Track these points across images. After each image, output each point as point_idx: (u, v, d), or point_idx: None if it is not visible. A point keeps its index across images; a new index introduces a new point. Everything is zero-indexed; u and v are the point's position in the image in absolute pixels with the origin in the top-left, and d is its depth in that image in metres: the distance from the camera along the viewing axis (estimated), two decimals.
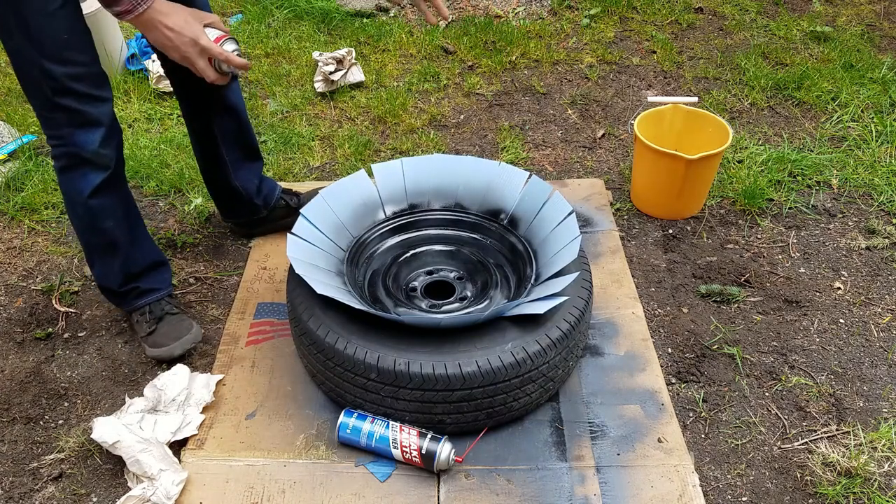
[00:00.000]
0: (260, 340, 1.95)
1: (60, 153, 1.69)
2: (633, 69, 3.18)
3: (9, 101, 2.98)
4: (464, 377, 1.55)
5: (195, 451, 1.68)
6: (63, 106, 1.61)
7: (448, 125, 2.86)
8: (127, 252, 1.86)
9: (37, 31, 1.52)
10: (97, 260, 1.88)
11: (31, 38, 1.53)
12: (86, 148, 1.67)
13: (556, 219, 1.84)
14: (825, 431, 1.74)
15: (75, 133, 1.65)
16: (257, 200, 2.18)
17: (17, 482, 1.67)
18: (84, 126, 1.65)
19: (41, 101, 1.63)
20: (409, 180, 2.02)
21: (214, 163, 2.09)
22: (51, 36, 1.53)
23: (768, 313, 2.05)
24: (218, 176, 2.12)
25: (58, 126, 1.65)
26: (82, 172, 1.71)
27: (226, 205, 2.23)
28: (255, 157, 2.16)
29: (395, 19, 3.59)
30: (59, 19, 1.53)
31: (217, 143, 2.04)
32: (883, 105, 2.84)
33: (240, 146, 2.09)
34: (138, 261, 1.90)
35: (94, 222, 1.79)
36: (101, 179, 1.73)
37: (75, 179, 1.73)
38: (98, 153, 1.69)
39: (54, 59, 1.55)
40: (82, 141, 1.66)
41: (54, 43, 1.54)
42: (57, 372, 1.92)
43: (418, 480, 1.61)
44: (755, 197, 2.40)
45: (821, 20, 3.48)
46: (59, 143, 1.68)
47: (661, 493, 1.58)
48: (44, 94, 1.60)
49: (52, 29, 1.53)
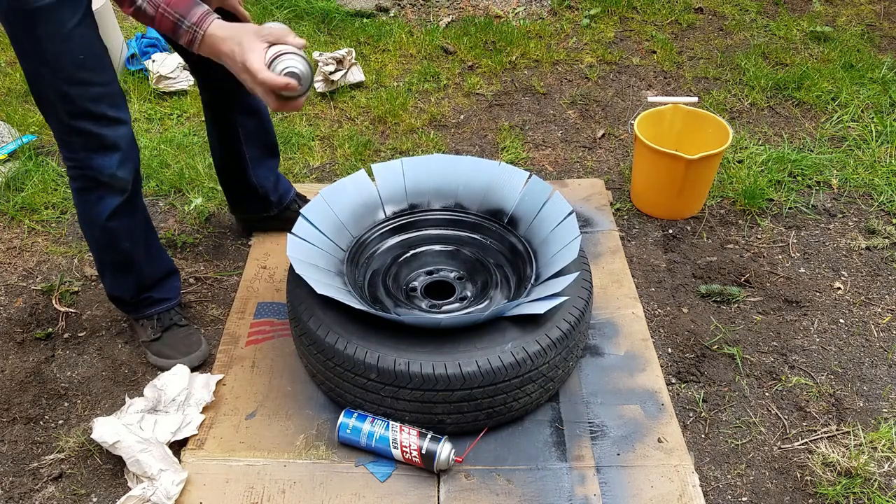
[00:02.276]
0: (260, 340, 1.95)
1: (77, 175, 1.67)
2: (633, 69, 3.18)
3: (9, 101, 2.97)
4: (464, 377, 1.55)
5: (195, 451, 1.68)
6: (80, 129, 1.58)
7: (448, 125, 2.86)
8: (141, 268, 1.86)
9: (52, 54, 1.49)
10: (110, 274, 1.87)
11: (46, 60, 1.50)
12: (103, 172, 1.64)
13: (556, 219, 1.84)
14: (825, 431, 1.74)
15: (91, 157, 1.63)
16: (272, 197, 2.19)
17: (17, 482, 1.67)
18: (100, 150, 1.62)
19: (58, 125, 1.60)
20: (409, 180, 2.02)
21: (234, 159, 2.09)
22: (67, 57, 1.50)
23: (768, 313, 2.05)
24: (235, 172, 2.12)
25: (74, 150, 1.63)
26: (99, 195, 1.69)
27: (238, 199, 2.22)
28: (274, 154, 2.17)
29: (395, 19, 3.59)
30: (75, 40, 1.50)
31: (239, 140, 2.04)
32: (883, 105, 2.84)
33: (261, 145, 2.09)
34: (152, 274, 1.90)
35: (111, 243, 1.78)
36: (118, 203, 1.71)
37: (92, 203, 1.71)
38: (115, 177, 1.66)
39: (70, 80, 1.52)
40: (99, 165, 1.64)
41: (71, 64, 1.51)
42: (57, 372, 1.92)
43: (418, 480, 1.61)
44: (755, 197, 2.40)
45: (821, 20, 3.48)
46: (75, 164, 1.66)
47: (661, 493, 1.58)
48: (60, 117, 1.57)
49: (67, 51, 1.50)
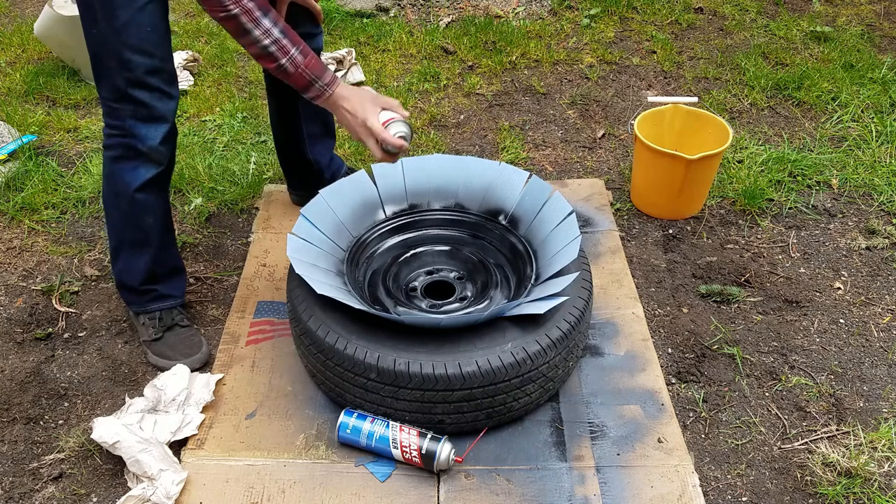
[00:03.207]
0: (260, 340, 1.95)
1: (116, 143, 1.74)
2: (633, 69, 3.18)
3: (9, 101, 2.97)
4: (464, 377, 1.55)
5: (195, 450, 1.68)
6: (134, 97, 1.66)
7: (448, 125, 2.86)
8: (156, 252, 1.89)
9: (124, 22, 1.59)
10: (125, 254, 1.89)
11: (116, 27, 1.59)
12: (145, 142, 1.72)
13: (556, 219, 1.84)
14: (825, 431, 1.74)
15: (138, 125, 1.70)
16: (326, 174, 2.30)
17: (17, 482, 1.67)
18: (149, 121, 1.70)
19: (111, 91, 1.68)
20: (409, 180, 2.02)
21: (294, 136, 2.22)
22: (136, 28, 1.60)
23: (768, 313, 2.05)
24: (295, 149, 2.25)
25: (122, 117, 1.70)
26: (134, 165, 1.75)
27: (296, 177, 2.35)
28: (331, 134, 2.30)
29: (395, 19, 3.59)
30: (147, 14, 1.61)
31: (299, 118, 2.16)
32: (883, 105, 2.84)
33: (319, 122, 2.23)
34: (164, 263, 1.92)
35: (136, 216, 1.82)
36: (151, 175, 1.77)
37: (125, 171, 1.76)
38: (156, 149, 1.74)
39: (136, 50, 1.62)
40: (143, 134, 1.71)
41: (138, 34, 1.61)
42: (57, 372, 1.92)
43: (418, 480, 1.61)
44: (755, 197, 2.40)
45: (821, 20, 3.48)
46: (117, 132, 1.72)
47: (661, 494, 1.58)
48: (117, 83, 1.65)
49: (138, 22, 1.60)
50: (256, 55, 1.63)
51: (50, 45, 3.14)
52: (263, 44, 1.60)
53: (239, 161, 2.61)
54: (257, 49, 1.61)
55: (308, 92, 1.68)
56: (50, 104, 2.99)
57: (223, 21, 1.58)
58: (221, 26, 1.61)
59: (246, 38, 1.60)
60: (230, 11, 1.55)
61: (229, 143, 2.74)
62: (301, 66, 1.63)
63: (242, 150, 2.68)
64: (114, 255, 1.91)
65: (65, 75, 3.13)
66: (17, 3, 3.90)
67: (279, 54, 1.61)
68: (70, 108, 2.95)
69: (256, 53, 1.63)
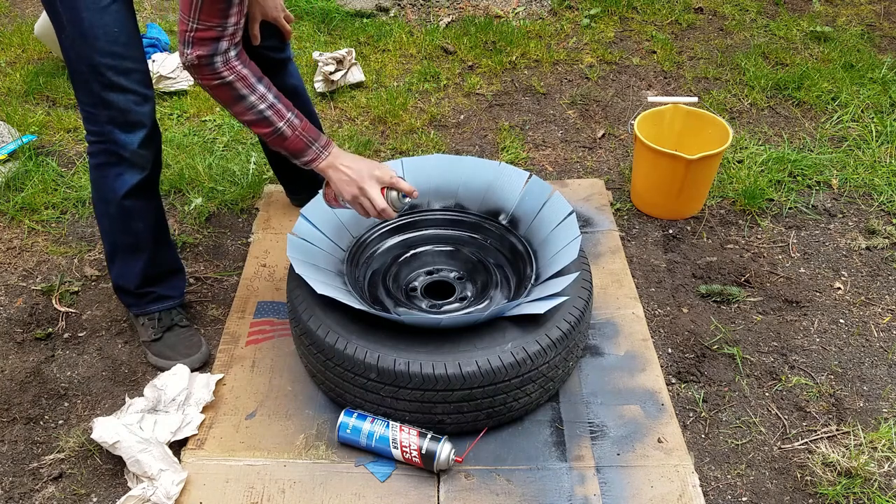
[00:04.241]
0: (260, 340, 1.95)
1: (98, 150, 1.72)
2: (633, 69, 3.18)
3: (9, 101, 2.97)
4: (464, 377, 1.55)
5: (195, 451, 1.68)
6: (109, 101, 1.64)
7: (448, 125, 2.86)
8: (151, 255, 1.87)
9: (89, 26, 1.57)
10: (119, 259, 1.88)
11: (83, 32, 1.57)
12: (126, 147, 1.69)
13: (556, 219, 1.84)
14: (825, 431, 1.74)
15: (116, 132, 1.68)
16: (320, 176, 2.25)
17: (17, 482, 1.67)
18: (125, 126, 1.68)
19: (88, 96, 1.66)
20: (409, 180, 2.01)
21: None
22: (102, 30, 1.58)
23: (768, 313, 2.05)
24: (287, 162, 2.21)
25: (100, 123, 1.68)
26: (118, 172, 1.73)
27: (292, 185, 2.34)
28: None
29: (395, 19, 3.59)
30: (112, 14, 1.59)
31: None
32: (883, 105, 2.84)
33: None
34: (160, 265, 1.91)
35: (125, 223, 1.81)
36: (136, 181, 1.75)
37: (110, 179, 1.74)
38: (137, 153, 1.71)
39: (104, 53, 1.59)
40: (123, 140, 1.69)
41: (105, 36, 1.59)
42: (57, 372, 1.92)
43: (418, 480, 1.61)
44: (755, 197, 2.40)
45: (821, 20, 3.48)
46: (98, 139, 1.70)
47: (661, 494, 1.58)
48: (91, 87, 1.63)
49: (103, 23, 1.58)
50: (251, 122, 1.58)
51: (50, 45, 3.14)
52: (259, 108, 1.56)
53: (239, 161, 2.61)
54: (252, 115, 1.57)
55: (304, 155, 1.64)
56: (50, 104, 2.99)
57: (216, 89, 1.54)
58: (211, 96, 1.58)
59: (240, 104, 1.56)
60: (225, 78, 1.52)
61: (229, 143, 2.74)
62: (298, 128, 1.61)
63: (242, 151, 2.68)
64: (109, 259, 1.91)
65: (65, 75, 3.13)
66: (17, 3, 3.90)
67: (275, 118, 1.58)
68: (70, 108, 2.95)
69: (251, 120, 1.58)
